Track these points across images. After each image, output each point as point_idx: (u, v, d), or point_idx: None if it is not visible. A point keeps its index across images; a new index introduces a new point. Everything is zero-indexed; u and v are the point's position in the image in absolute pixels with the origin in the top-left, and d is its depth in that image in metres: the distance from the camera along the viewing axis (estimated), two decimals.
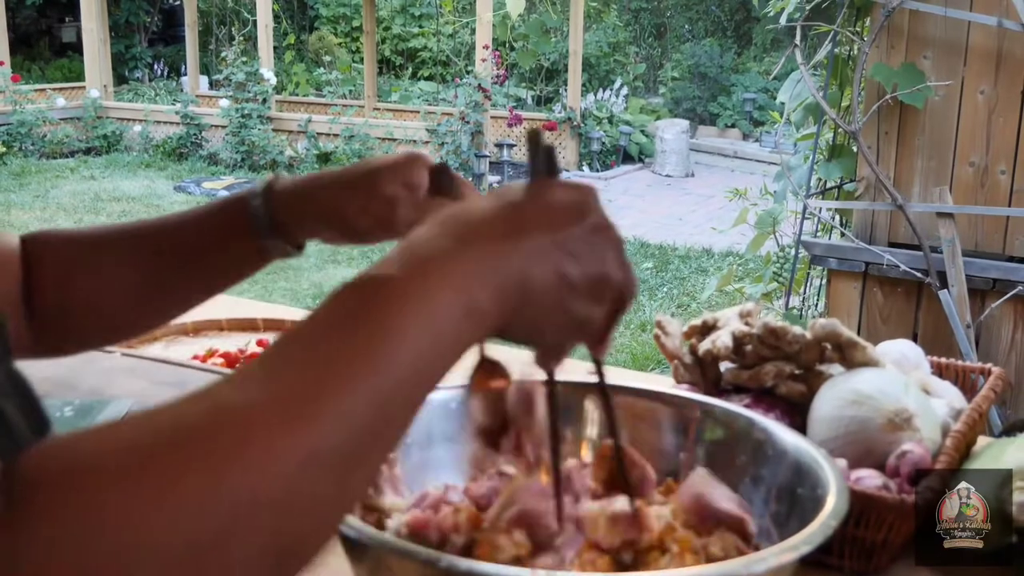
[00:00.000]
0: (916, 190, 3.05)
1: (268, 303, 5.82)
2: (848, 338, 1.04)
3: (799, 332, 1.05)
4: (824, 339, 1.05)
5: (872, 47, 2.98)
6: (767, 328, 1.05)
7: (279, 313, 1.63)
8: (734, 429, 0.85)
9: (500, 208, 0.56)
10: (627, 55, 14.53)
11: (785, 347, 1.05)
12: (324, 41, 16.04)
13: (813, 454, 0.77)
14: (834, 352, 1.06)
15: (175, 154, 11.42)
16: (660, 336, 1.13)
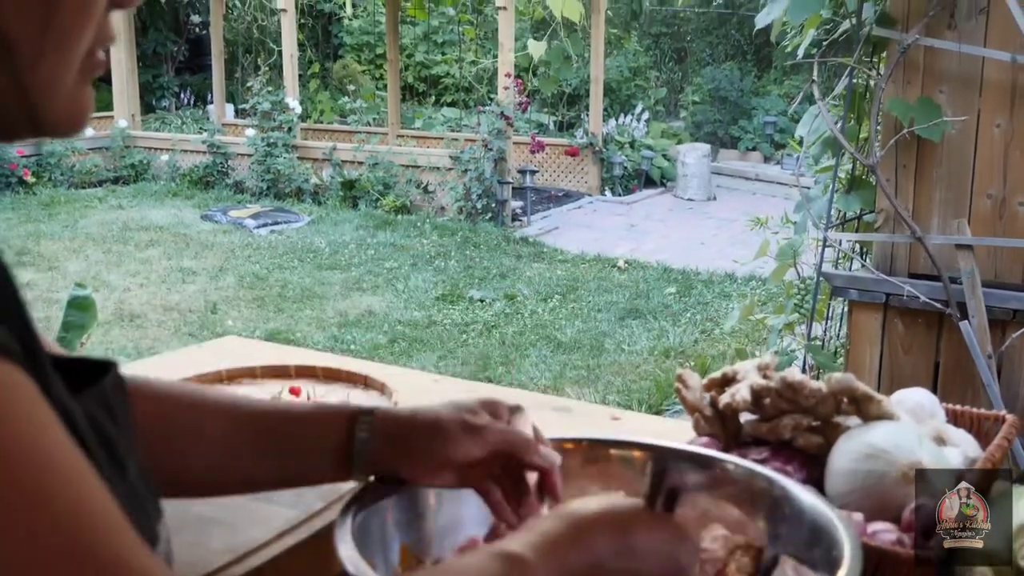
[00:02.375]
0: (935, 222, 3.08)
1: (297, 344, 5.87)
2: (864, 392, 1.09)
3: (816, 386, 1.09)
4: (840, 393, 1.09)
5: (888, 82, 3.02)
6: (785, 382, 1.10)
7: (311, 359, 1.69)
8: (753, 487, 0.90)
9: (610, 521, 0.80)
10: (648, 80, 14.60)
11: (802, 401, 1.09)
12: (348, 69, 16.20)
13: (829, 515, 0.82)
14: (850, 405, 1.10)
15: (202, 183, 11.57)
16: (681, 390, 1.18)
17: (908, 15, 3.02)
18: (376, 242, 9.02)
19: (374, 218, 9.96)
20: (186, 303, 7.14)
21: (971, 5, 2.93)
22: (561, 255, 8.78)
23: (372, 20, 16.50)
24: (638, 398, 5.32)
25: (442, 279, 7.85)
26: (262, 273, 7.94)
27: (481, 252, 8.75)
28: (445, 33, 16.33)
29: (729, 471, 0.93)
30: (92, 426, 0.58)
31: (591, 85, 11.73)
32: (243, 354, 1.75)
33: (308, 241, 9.04)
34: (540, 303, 7.23)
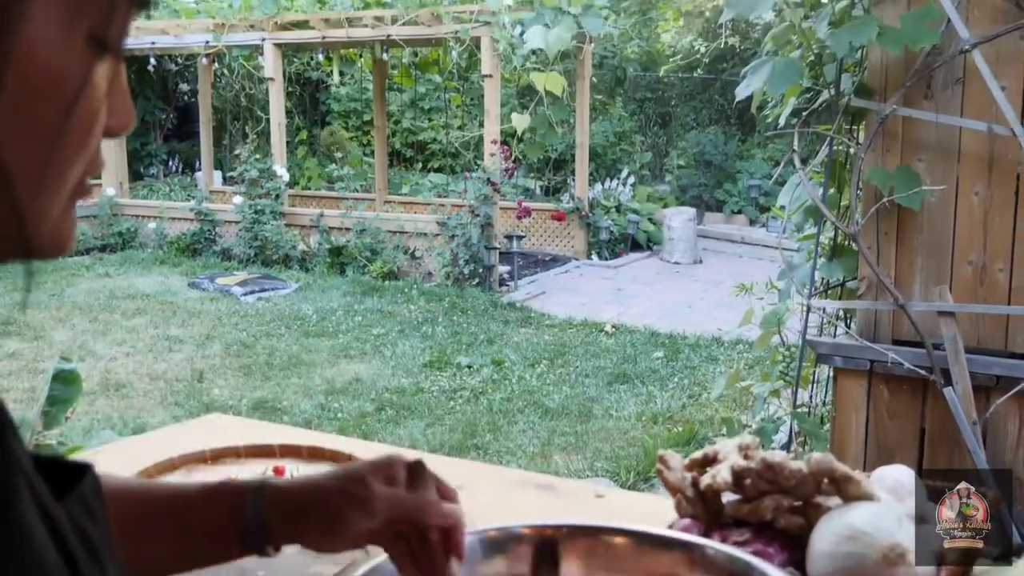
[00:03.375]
0: (917, 288, 3.11)
1: (284, 412, 5.84)
2: (843, 472, 1.09)
3: (796, 467, 1.10)
4: (820, 473, 1.10)
5: (868, 151, 3.07)
6: (765, 463, 1.10)
7: (296, 437, 1.68)
8: (734, 572, 0.90)
9: None
10: (633, 144, 14.75)
11: (783, 481, 1.10)
12: (336, 136, 16.33)
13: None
14: (830, 485, 1.11)
15: (189, 250, 11.59)
16: (663, 471, 1.18)
17: (886, 86, 3.08)
18: (363, 308, 9.02)
19: (361, 284, 9.98)
20: (172, 372, 7.11)
21: (947, 76, 2.99)
22: (548, 320, 8.79)
23: (359, 87, 16.67)
24: (626, 465, 5.30)
25: (430, 345, 7.84)
26: (249, 341, 7.93)
27: (468, 318, 8.76)
28: (432, 100, 16.50)
29: (709, 556, 0.93)
30: (76, 532, 0.58)
31: (577, 150, 11.84)
32: (227, 432, 1.75)
33: (295, 308, 9.03)
34: (528, 369, 7.22)
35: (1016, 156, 2.92)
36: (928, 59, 2.94)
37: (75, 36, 0.52)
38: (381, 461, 0.93)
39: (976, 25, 2.90)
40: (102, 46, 0.54)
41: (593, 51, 12.41)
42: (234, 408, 6.31)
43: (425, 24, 10.15)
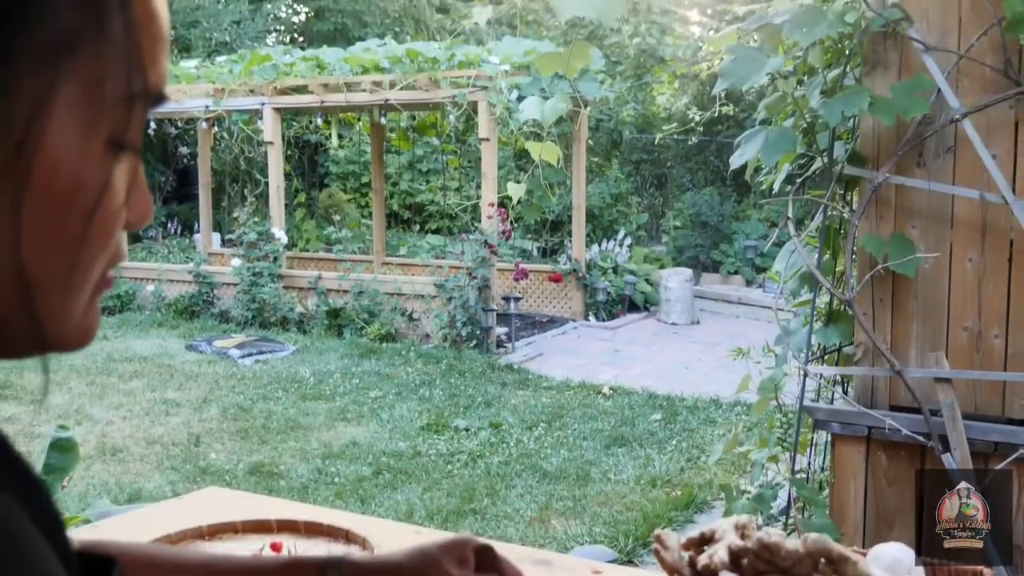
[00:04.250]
0: (913, 354, 3.11)
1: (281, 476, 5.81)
2: (839, 553, 1.09)
3: (793, 547, 1.10)
4: (817, 554, 1.10)
5: (862, 218, 3.10)
6: (762, 543, 1.10)
7: (292, 511, 1.68)
8: None
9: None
10: (630, 205, 14.85)
11: (779, 561, 1.10)
12: (334, 198, 16.44)
13: None
14: (827, 565, 1.11)
15: (187, 312, 11.61)
16: (660, 550, 1.18)
17: (878, 154, 3.11)
18: (361, 371, 9.01)
19: (359, 347, 9.97)
20: (169, 436, 7.08)
21: (938, 145, 3.02)
22: (546, 382, 8.78)
23: (357, 150, 16.82)
24: (624, 530, 5.26)
25: (427, 408, 7.83)
26: (246, 404, 7.91)
27: (466, 380, 8.74)
28: (429, 162, 16.64)
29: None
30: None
31: (573, 212, 11.92)
32: (224, 506, 1.74)
33: (293, 371, 9.02)
34: (525, 431, 7.20)
35: (1008, 223, 2.95)
36: (920, 128, 2.98)
37: (94, 142, 0.53)
38: (453, 543, 0.95)
39: (966, 95, 2.94)
40: (121, 148, 0.55)
41: (589, 114, 12.55)
42: (230, 472, 6.28)
43: (423, 89, 10.27)
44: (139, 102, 0.55)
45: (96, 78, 0.52)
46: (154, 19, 0.56)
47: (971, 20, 2.93)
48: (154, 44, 0.56)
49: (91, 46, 0.52)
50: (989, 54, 2.90)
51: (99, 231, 0.55)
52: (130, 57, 0.54)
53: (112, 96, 0.53)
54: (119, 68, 0.53)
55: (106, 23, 0.52)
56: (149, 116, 0.60)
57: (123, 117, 0.55)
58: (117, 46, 0.53)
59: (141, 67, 0.55)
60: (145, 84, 0.55)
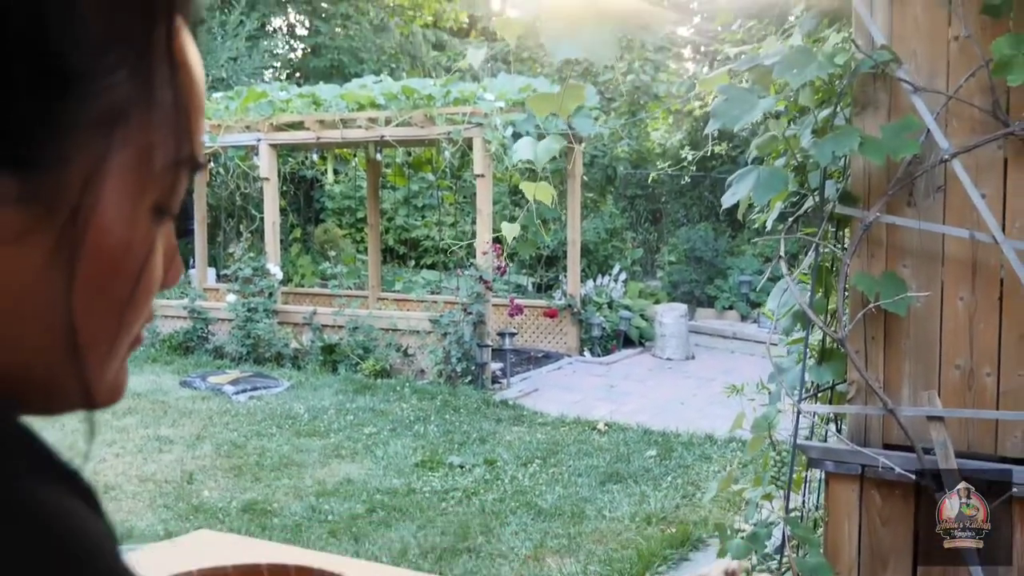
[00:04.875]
0: (906, 393, 3.12)
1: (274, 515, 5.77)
2: None
3: None
4: None
5: (853, 257, 3.11)
6: None
7: (283, 555, 1.68)
8: None
9: None
10: (624, 240, 14.89)
11: None
12: (329, 233, 16.47)
13: None
14: None
15: (181, 348, 11.59)
16: None
17: (869, 193, 3.13)
18: (355, 407, 8.99)
19: (354, 382, 9.96)
20: (162, 473, 7.05)
21: (928, 184, 3.04)
22: (541, 418, 8.76)
23: (353, 185, 16.88)
24: (619, 568, 5.23)
25: (421, 445, 7.80)
26: (240, 441, 7.88)
27: (461, 416, 8.73)
28: (425, 197, 16.69)
29: None
30: None
31: (568, 247, 11.95)
32: (215, 550, 1.74)
33: (287, 407, 9.00)
34: (520, 468, 7.18)
35: (998, 262, 2.96)
36: (910, 168, 3.00)
37: (143, 208, 0.55)
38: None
39: (955, 135, 2.96)
40: (165, 213, 0.57)
41: (584, 150, 12.61)
42: (223, 510, 6.25)
43: (418, 125, 10.33)
44: (184, 169, 0.57)
45: (147, 147, 0.54)
46: (196, 89, 0.59)
47: (959, 62, 2.96)
48: (197, 112, 0.59)
49: (142, 115, 0.54)
50: (978, 95, 2.93)
51: (143, 294, 0.57)
52: (178, 125, 0.56)
53: (161, 164, 0.55)
54: (168, 136, 0.55)
55: (156, 93, 0.54)
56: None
57: (169, 184, 0.57)
58: (167, 115, 0.55)
59: (188, 135, 0.57)
60: (192, 151, 0.58)
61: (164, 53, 0.55)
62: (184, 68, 0.57)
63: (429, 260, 16.62)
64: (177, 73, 0.56)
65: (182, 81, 0.56)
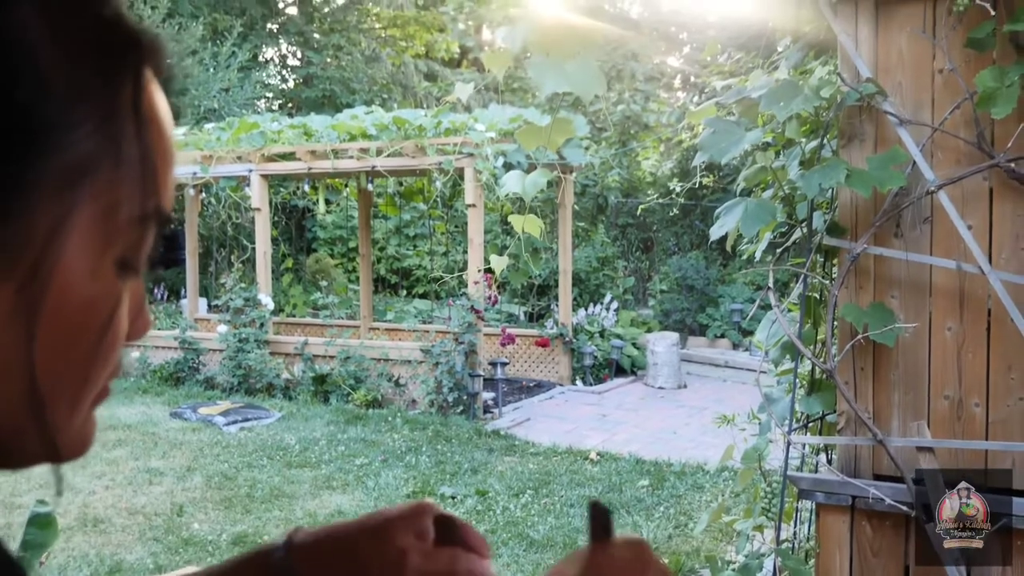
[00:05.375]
0: (895, 424, 3.12)
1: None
2: None
3: None
4: None
5: (841, 288, 3.12)
6: None
7: None
8: None
9: (580, 568, 0.74)
10: (616, 269, 14.92)
11: None
12: (321, 263, 16.46)
13: None
14: None
15: (172, 379, 11.55)
16: None
17: (856, 224, 3.15)
18: (347, 438, 8.96)
19: (345, 413, 9.93)
20: (152, 506, 7.01)
21: (915, 215, 3.06)
22: (533, 448, 8.74)
23: (345, 215, 16.89)
24: None
25: (413, 475, 7.77)
26: (230, 472, 7.84)
27: (452, 446, 8.70)
28: (417, 227, 16.72)
29: None
30: None
31: (560, 277, 11.97)
32: None
33: (278, 438, 8.97)
34: (512, 499, 7.15)
35: (985, 292, 2.98)
36: (896, 199, 3.02)
37: (106, 263, 0.55)
38: (411, 511, 0.89)
39: (941, 167, 2.99)
40: (130, 268, 0.57)
41: (575, 180, 12.65)
42: (213, 543, 6.21)
43: (409, 156, 10.35)
44: (150, 224, 0.57)
45: (112, 202, 0.54)
46: (165, 142, 0.59)
47: (944, 94, 2.98)
48: (165, 166, 0.59)
49: (108, 171, 0.54)
50: (962, 127, 2.96)
51: (107, 348, 0.56)
52: (145, 181, 0.56)
53: (126, 219, 0.55)
54: (134, 192, 0.55)
55: (123, 149, 0.54)
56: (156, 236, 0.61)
57: (135, 239, 0.56)
58: (133, 171, 0.55)
59: (155, 191, 0.57)
60: (158, 205, 0.57)
61: (131, 109, 0.55)
62: (152, 123, 0.57)
63: (421, 289, 16.62)
64: (144, 128, 0.56)
65: (150, 136, 0.56)
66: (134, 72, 0.56)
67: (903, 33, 3.03)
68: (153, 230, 0.58)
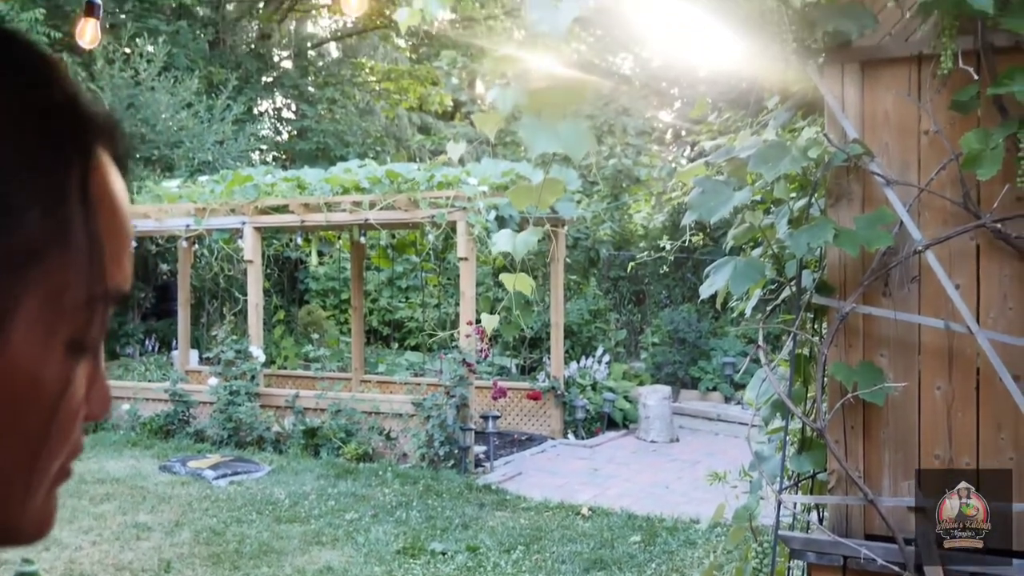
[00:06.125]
0: (886, 483, 3.11)
1: None
2: None
3: None
4: None
5: (831, 346, 3.13)
6: None
7: None
8: None
9: None
10: (608, 322, 14.92)
11: None
12: (313, 315, 16.45)
13: None
14: None
15: (162, 431, 11.48)
16: None
17: (845, 283, 3.16)
18: (337, 492, 8.90)
19: (335, 467, 9.86)
20: (139, 562, 6.93)
21: (903, 275, 3.08)
22: (524, 503, 8.68)
23: (337, 267, 16.91)
24: None
25: (403, 530, 7.71)
26: (219, 527, 7.77)
27: (443, 501, 8.64)
28: (409, 279, 16.74)
29: None
30: None
31: (552, 329, 11.97)
32: None
33: (268, 492, 8.90)
34: (503, 555, 7.09)
35: (974, 351, 2.99)
36: (884, 259, 3.04)
37: (55, 344, 0.54)
38: None
39: (928, 227, 3.01)
40: (82, 350, 0.56)
41: (567, 233, 12.70)
42: None
43: (402, 209, 10.40)
44: (101, 304, 0.56)
45: (59, 285, 0.53)
46: (118, 222, 0.58)
47: (930, 155, 3.02)
48: (118, 246, 0.58)
49: (56, 255, 0.53)
50: (949, 187, 2.99)
51: (59, 429, 0.56)
52: (93, 265, 0.55)
53: (75, 302, 0.54)
54: (83, 275, 0.54)
55: (71, 234, 0.54)
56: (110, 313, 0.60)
57: (85, 320, 0.55)
58: (81, 255, 0.54)
59: (103, 273, 0.56)
60: (107, 288, 0.56)
61: (79, 193, 0.54)
62: (104, 204, 0.57)
63: (413, 342, 16.60)
64: (93, 212, 0.55)
65: (99, 219, 0.56)
66: (81, 155, 0.55)
67: (889, 94, 3.07)
68: (104, 310, 0.57)
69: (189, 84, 16.93)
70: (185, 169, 15.98)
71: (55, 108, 0.55)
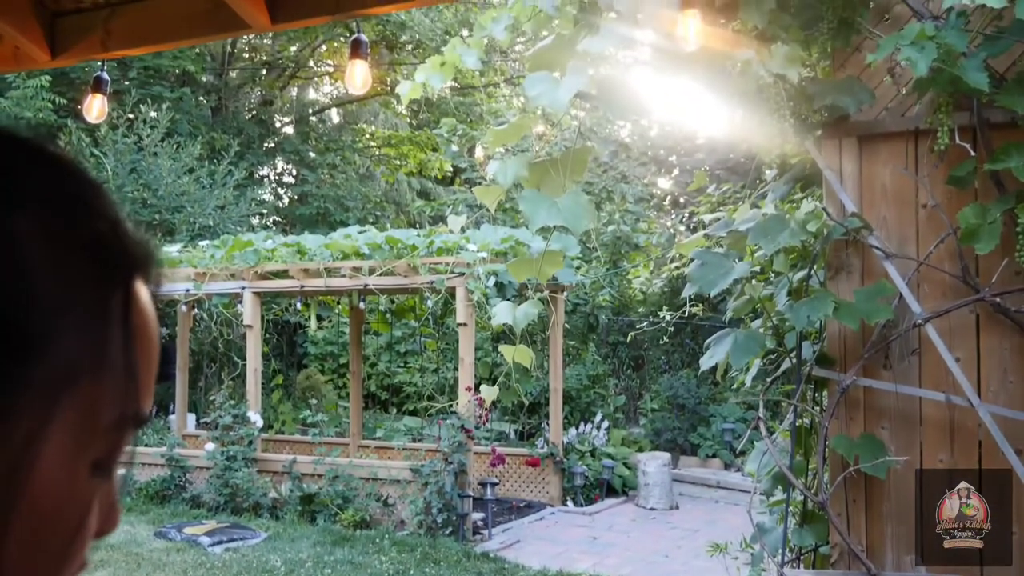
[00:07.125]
0: (889, 557, 3.09)
1: None
2: None
3: None
4: None
5: (832, 419, 3.13)
6: None
7: None
8: None
9: None
10: (607, 387, 14.88)
11: None
12: (312, 380, 16.41)
13: None
14: None
15: (158, 497, 11.38)
16: None
17: (845, 356, 3.17)
18: (333, 560, 8.79)
19: (332, 534, 9.76)
20: None
21: (903, 348, 3.08)
22: (523, 571, 8.57)
23: (336, 331, 16.91)
24: None
25: None
26: None
27: (441, 569, 8.54)
28: (408, 344, 16.72)
29: None
30: None
31: (551, 395, 11.93)
32: None
33: (263, 559, 8.79)
34: None
35: (975, 423, 2.98)
36: (884, 331, 3.05)
37: (83, 465, 0.55)
38: None
39: (927, 300, 3.02)
40: (106, 471, 0.57)
41: (566, 298, 12.72)
42: None
43: (402, 274, 10.42)
44: (129, 427, 0.57)
45: (93, 406, 0.54)
46: (150, 349, 0.59)
47: (928, 228, 3.04)
48: (148, 372, 0.59)
49: (92, 377, 0.54)
50: (947, 261, 3.01)
51: (76, 548, 0.56)
52: (127, 389, 0.56)
53: (106, 424, 0.55)
54: (116, 399, 0.55)
55: (108, 357, 0.55)
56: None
57: (112, 442, 0.56)
58: (117, 379, 0.55)
59: (138, 397, 0.57)
60: (138, 410, 0.57)
61: (120, 319, 0.55)
62: (139, 330, 0.58)
63: (411, 407, 16.53)
64: (131, 339, 0.56)
65: (136, 346, 0.57)
66: (124, 282, 0.56)
67: (887, 168, 3.11)
68: (131, 434, 0.58)
69: (191, 150, 17.06)
70: (186, 233, 16.04)
71: (103, 236, 0.56)
